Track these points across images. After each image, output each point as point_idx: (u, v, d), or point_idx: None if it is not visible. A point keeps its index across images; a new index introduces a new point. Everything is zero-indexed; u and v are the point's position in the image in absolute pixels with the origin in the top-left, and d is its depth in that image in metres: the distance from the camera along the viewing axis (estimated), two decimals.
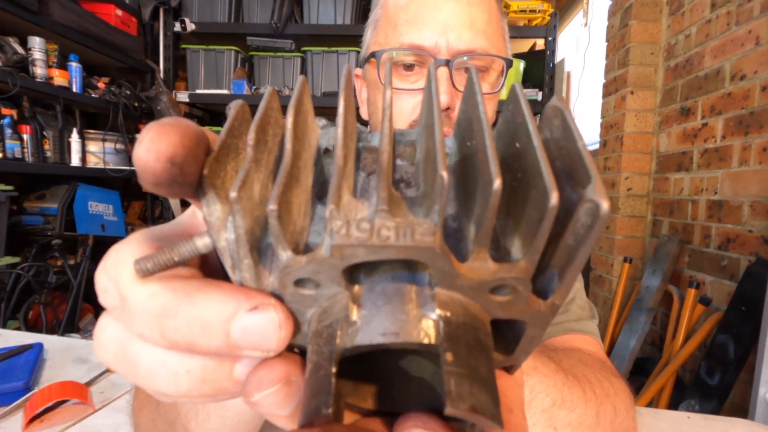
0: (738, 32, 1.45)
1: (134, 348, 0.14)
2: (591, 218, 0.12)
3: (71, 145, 2.14)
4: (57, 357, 0.69)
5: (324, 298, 0.14)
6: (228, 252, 0.14)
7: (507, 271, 0.13)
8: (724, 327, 1.35)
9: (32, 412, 0.49)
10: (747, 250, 1.39)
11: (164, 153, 0.12)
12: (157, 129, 0.12)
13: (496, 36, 0.54)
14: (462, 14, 0.50)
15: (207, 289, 0.13)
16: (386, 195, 0.12)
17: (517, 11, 2.35)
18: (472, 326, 0.13)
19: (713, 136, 1.56)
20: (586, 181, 0.12)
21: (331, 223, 0.12)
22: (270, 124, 0.16)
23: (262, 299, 0.13)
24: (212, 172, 0.14)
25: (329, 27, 2.37)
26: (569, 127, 0.13)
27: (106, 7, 2.27)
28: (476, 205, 0.13)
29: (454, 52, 0.50)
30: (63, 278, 2.00)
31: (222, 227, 0.14)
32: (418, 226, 0.12)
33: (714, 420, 0.57)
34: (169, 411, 0.33)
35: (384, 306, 0.13)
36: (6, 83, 1.74)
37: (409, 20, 0.51)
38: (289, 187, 0.13)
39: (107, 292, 0.14)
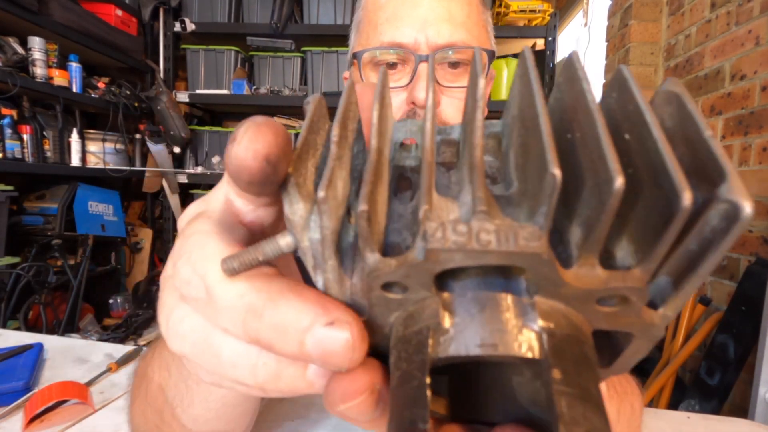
0: (738, 32, 1.45)
1: (216, 340, 0.15)
2: (726, 222, 0.10)
3: (71, 145, 2.14)
4: (57, 357, 0.69)
5: (411, 303, 0.13)
6: (311, 252, 0.14)
7: (620, 280, 0.11)
8: (724, 327, 1.35)
9: (32, 412, 0.49)
10: (747, 250, 1.39)
11: (261, 152, 0.13)
12: (255, 128, 0.13)
13: (477, 28, 0.54)
14: (440, 9, 0.51)
15: (289, 296, 0.14)
16: (483, 194, 0.11)
17: (517, 11, 2.35)
18: (577, 339, 0.12)
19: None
20: (719, 179, 0.10)
21: (425, 225, 0.11)
22: (350, 119, 0.15)
23: (340, 315, 0.13)
24: (296, 170, 0.14)
25: (329, 27, 2.37)
26: (690, 115, 0.12)
27: (106, 7, 2.27)
28: (583, 204, 0.11)
29: (434, 46, 0.50)
30: (63, 278, 2.00)
31: (305, 226, 0.14)
32: (521, 229, 0.11)
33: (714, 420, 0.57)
34: (155, 399, 0.33)
35: (479, 314, 0.12)
36: (6, 83, 1.74)
37: (388, 19, 0.52)
38: (376, 186, 0.13)
39: (191, 284, 0.15)
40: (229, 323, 0.14)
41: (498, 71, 2.36)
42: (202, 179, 2.50)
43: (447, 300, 0.13)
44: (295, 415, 0.51)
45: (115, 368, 0.65)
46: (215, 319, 0.15)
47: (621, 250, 0.12)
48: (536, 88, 0.13)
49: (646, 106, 0.12)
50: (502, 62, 2.35)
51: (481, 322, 0.12)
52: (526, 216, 0.12)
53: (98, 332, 2.10)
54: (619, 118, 0.13)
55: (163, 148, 2.43)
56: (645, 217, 0.11)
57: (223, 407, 0.30)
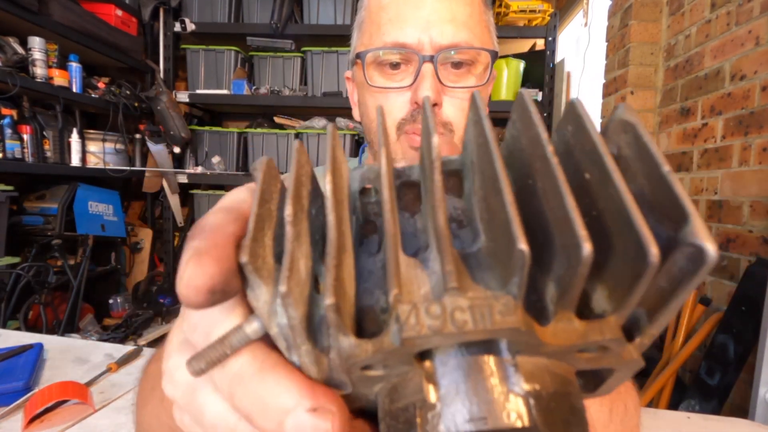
0: (738, 32, 1.45)
1: (204, 397, 0.15)
2: (692, 264, 0.10)
3: (71, 145, 2.14)
4: (57, 357, 0.68)
5: (393, 375, 0.13)
6: (282, 336, 0.13)
7: (598, 332, 0.11)
8: (724, 327, 1.35)
9: (32, 412, 0.49)
10: (747, 251, 1.39)
11: (203, 287, 0.13)
12: (195, 261, 0.13)
13: (480, 28, 0.54)
14: (443, 10, 0.51)
15: (279, 371, 0.13)
16: (453, 267, 0.11)
17: (517, 11, 2.35)
18: (563, 394, 0.12)
19: (713, 136, 1.56)
20: (681, 220, 0.10)
21: (396, 310, 0.11)
22: (303, 185, 0.15)
23: (325, 402, 0.13)
24: (252, 254, 0.13)
25: (329, 27, 2.37)
26: (647, 149, 0.12)
27: (106, 7, 2.27)
28: (555, 262, 0.11)
29: (438, 47, 0.51)
30: (63, 278, 2.00)
31: (272, 312, 0.13)
32: (495, 302, 0.11)
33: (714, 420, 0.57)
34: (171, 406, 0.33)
35: (464, 383, 0.12)
36: (6, 83, 1.74)
37: (391, 19, 0.52)
38: (340, 264, 0.12)
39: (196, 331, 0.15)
40: (219, 382, 0.14)
41: (498, 71, 2.36)
42: (202, 179, 2.50)
43: (429, 370, 0.12)
44: None
45: (115, 368, 0.65)
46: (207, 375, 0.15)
47: (595, 293, 0.12)
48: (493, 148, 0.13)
49: (605, 151, 0.12)
50: (502, 62, 2.35)
51: (468, 394, 0.11)
52: (497, 283, 0.12)
53: (98, 332, 2.10)
54: (578, 155, 0.13)
55: (163, 148, 2.43)
56: (615, 263, 0.11)
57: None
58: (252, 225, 0.13)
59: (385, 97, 0.53)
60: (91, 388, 0.59)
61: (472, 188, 0.15)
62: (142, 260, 2.67)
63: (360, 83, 0.57)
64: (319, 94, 2.43)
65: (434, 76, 0.50)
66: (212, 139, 2.54)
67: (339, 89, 2.41)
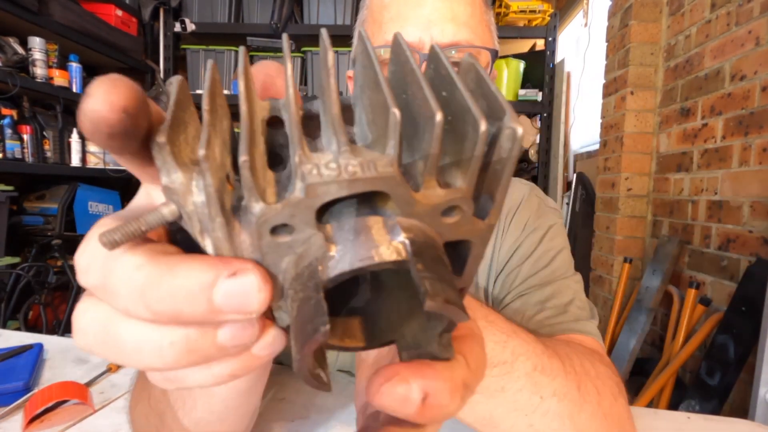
0: (738, 32, 1.45)
1: (117, 327, 0.14)
2: (510, 142, 0.14)
3: (71, 146, 2.14)
4: (57, 357, 0.69)
5: (299, 244, 0.15)
6: (196, 216, 0.14)
7: (454, 193, 0.15)
8: (724, 327, 1.35)
9: (32, 412, 0.49)
10: (747, 251, 1.39)
11: (118, 103, 0.12)
12: (109, 82, 0.13)
13: (481, 27, 0.55)
14: (444, 9, 0.51)
15: (188, 260, 0.14)
16: (345, 138, 0.14)
17: (517, 12, 2.35)
18: (431, 245, 0.15)
19: (713, 137, 1.56)
20: (502, 114, 0.14)
21: (301, 168, 0.13)
22: (218, 95, 0.17)
23: (240, 265, 0.14)
24: (170, 141, 0.14)
25: (329, 27, 2.37)
26: (482, 77, 0.16)
27: (106, 7, 2.27)
28: (422, 140, 0.14)
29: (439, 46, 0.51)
30: (63, 278, 2.00)
31: (187, 191, 0.14)
32: (378, 160, 0.14)
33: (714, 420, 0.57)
34: (158, 402, 0.33)
35: (356, 238, 0.14)
36: (6, 83, 1.74)
37: (392, 18, 0.53)
38: (253, 143, 0.14)
39: (89, 272, 0.14)
40: (129, 302, 0.14)
41: (498, 71, 2.36)
42: None
43: (329, 233, 0.15)
44: (294, 416, 0.51)
45: (114, 368, 0.65)
46: (116, 302, 0.14)
47: (452, 177, 0.16)
48: (374, 60, 0.16)
49: (452, 70, 0.16)
50: (502, 62, 2.35)
51: (360, 243, 0.14)
52: (380, 152, 0.14)
53: None
54: (437, 82, 0.17)
55: None
56: (465, 149, 0.15)
57: (226, 410, 0.30)
58: (170, 118, 0.15)
59: None
60: (91, 388, 0.59)
61: (362, 109, 0.18)
62: None
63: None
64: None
65: None
66: None
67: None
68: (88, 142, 2.27)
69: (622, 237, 1.99)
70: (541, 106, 2.39)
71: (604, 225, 2.12)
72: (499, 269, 0.62)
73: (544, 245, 0.61)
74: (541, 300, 0.54)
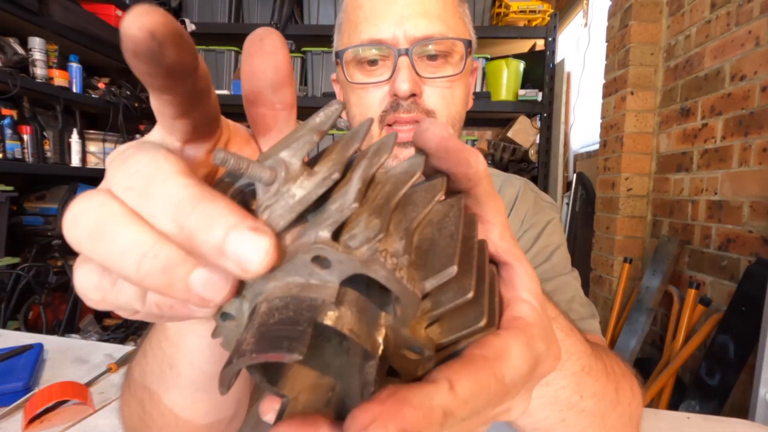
0: (738, 33, 1.45)
1: (116, 225, 0.15)
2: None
3: (71, 146, 2.14)
4: (57, 357, 0.69)
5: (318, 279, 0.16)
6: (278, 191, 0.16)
7: (426, 347, 0.17)
8: (725, 327, 1.35)
9: (32, 412, 0.49)
10: (747, 251, 1.39)
11: (146, 26, 0.13)
12: (144, 8, 0.14)
13: (454, 20, 0.56)
14: (415, 4, 0.53)
15: (226, 200, 0.15)
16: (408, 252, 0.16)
17: (517, 12, 2.35)
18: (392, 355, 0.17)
19: (713, 137, 1.56)
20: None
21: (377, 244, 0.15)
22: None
23: (263, 226, 0.15)
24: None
25: (329, 28, 2.36)
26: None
27: (106, 7, 2.27)
28: (431, 271, 0.17)
29: (413, 40, 0.53)
30: (63, 279, 2.00)
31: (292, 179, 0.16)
32: (418, 282, 0.16)
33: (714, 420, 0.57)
34: (137, 389, 0.34)
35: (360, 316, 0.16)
36: (6, 84, 1.74)
37: (366, 17, 0.54)
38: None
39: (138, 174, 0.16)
40: (160, 207, 0.15)
41: (498, 71, 2.36)
42: None
43: (342, 293, 0.16)
44: None
45: (115, 368, 0.65)
46: (145, 203, 0.15)
47: (432, 328, 0.18)
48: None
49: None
50: (502, 62, 2.35)
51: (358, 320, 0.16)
52: (419, 276, 0.16)
53: (98, 333, 2.10)
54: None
55: None
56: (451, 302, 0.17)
57: (197, 393, 0.31)
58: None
59: (365, 92, 0.56)
60: (91, 388, 0.59)
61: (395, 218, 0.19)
62: None
63: (342, 82, 0.59)
64: (319, 94, 2.44)
65: (410, 68, 0.53)
66: None
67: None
68: (88, 141, 2.28)
69: (622, 237, 1.99)
70: (541, 106, 2.39)
71: (604, 225, 2.12)
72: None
73: (543, 241, 0.62)
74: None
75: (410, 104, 0.53)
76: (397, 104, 0.53)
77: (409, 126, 0.54)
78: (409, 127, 0.54)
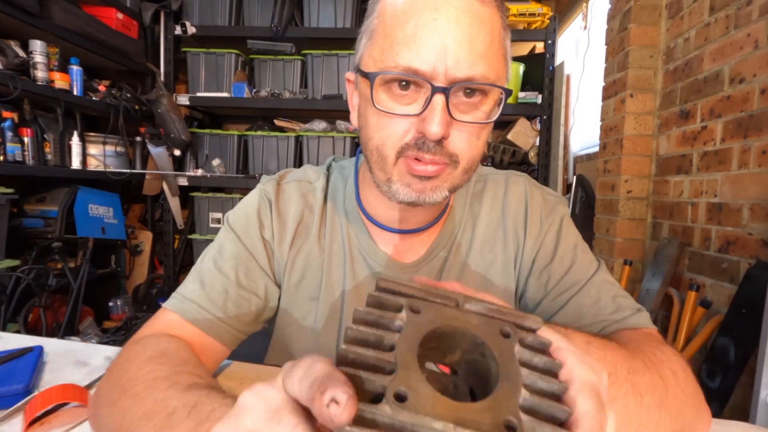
0: (737, 35, 1.45)
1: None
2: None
3: (72, 148, 2.15)
4: (57, 360, 0.68)
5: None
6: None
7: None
8: (725, 330, 1.35)
9: (32, 414, 0.49)
10: (747, 253, 1.39)
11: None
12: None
13: (497, 59, 0.51)
14: (461, 37, 0.47)
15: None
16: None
17: (517, 14, 2.36)
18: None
19: (713, 139, 1.56)
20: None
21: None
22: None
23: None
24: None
25: (329, 30, 2.38)
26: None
27: (107, 10, 2.28)
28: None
29: (452, 79, 0.47)
30: (63, 281, 2.00)
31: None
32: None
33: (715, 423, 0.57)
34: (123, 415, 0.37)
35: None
36: (7, 86, 1.74)
37: (406, 39, 0.48)
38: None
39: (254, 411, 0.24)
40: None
41: None
42: (203, 182, 2.50)
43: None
44: None
45: None
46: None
47: None
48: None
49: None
50: None
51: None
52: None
53: (98, 335, 2.10)
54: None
55: (164, 151, 2.44)
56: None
57: None
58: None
59: (389, 121, 0.50)
60: (91, 391, 0.59)
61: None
62: (142, 263, 2.67)
63: (364, 97, 0.54)
64: (320, 97, 2.44)
65: (444, 110, 0.47)
66: (212, 142, 2.55)
67: (339, 92, 2.41)
68: (88, 144, 2.28)
69: (622, 239, 1.99)
70: (541, 109, 2.40)
71: (604, 227, 2.12)
72: (527, 270, 0.64)
73: (564, 242, 0.63)
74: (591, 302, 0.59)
75: (435, 146, 0.49)
76: (423, 143, 0.49)
77: (429, 167, 0.50)
78: (428, 168, 0.50)
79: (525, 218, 0.64)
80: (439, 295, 0.26)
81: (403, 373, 0.21)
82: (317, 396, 0.20)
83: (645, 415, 0.39)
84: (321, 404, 0.19)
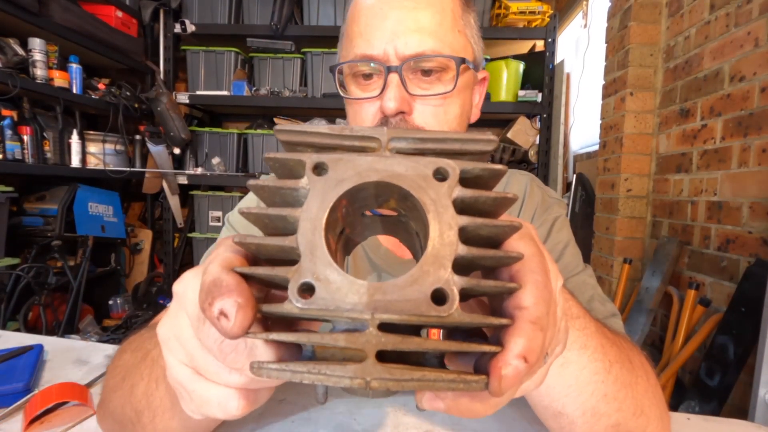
0: (737, 34, 1.45)
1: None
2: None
3: (71, 147, 2.15)
4: (57, 358, 0.69)
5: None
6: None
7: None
8: (724, 328, 1.35)
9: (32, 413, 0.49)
10: (746, 251, 1.39)
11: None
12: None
13: (452, 35, 0.55)
14: (408, 20, 0.52)
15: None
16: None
17: (517, 13, 2.35)
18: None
19: (712, 138, 1.56)
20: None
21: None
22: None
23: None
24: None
25: (329, 28, 2.37)
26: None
27: (107, 8, 2.28)
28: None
29: (403, 57, 0.52)
30: (63, 279, 2.00)
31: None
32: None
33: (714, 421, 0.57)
34: (139, 401, 0.35)
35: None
36: (6, 84, 1.74)
37: (360, 32, 0.54)
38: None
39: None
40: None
41: (498, 72, 2.37)
42: (202, 180, 2.50)
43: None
44: (294, 416, 0.51)
45: None
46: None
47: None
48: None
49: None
50: (502, 63, 2.36)
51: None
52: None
53: (98, 333, 2.10)
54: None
55: (163, 149, 2.44)
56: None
57: (198, 423, 0.36)
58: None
59: (359, 106, 0.56)
60: (91, 389, 0.59)
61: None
62: (142, 261, 2.68)
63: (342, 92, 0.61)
64: (319, 95, 2.44)
65: (399, 86, 0.52)
66: (212, 140, 2.54)
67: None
68: (87, 142, 2.28)
69: (621, 238, 1.99)
70: (541, 107, 2.39)
71: (604, 226, 2.12)
72: None
73: (552, 239, 0.62)
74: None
75: (399, 121, 0.53)
76: (386, 121, 0.53)
77: None
78: None
79: (519, 212, 0.64)
80: (355, 138, 0.20)
81: (308, 260, 0.18)
82: (206, 308, 0.18)
83: (611, 389, 0.37)
84: (212, 317, 0.18)
